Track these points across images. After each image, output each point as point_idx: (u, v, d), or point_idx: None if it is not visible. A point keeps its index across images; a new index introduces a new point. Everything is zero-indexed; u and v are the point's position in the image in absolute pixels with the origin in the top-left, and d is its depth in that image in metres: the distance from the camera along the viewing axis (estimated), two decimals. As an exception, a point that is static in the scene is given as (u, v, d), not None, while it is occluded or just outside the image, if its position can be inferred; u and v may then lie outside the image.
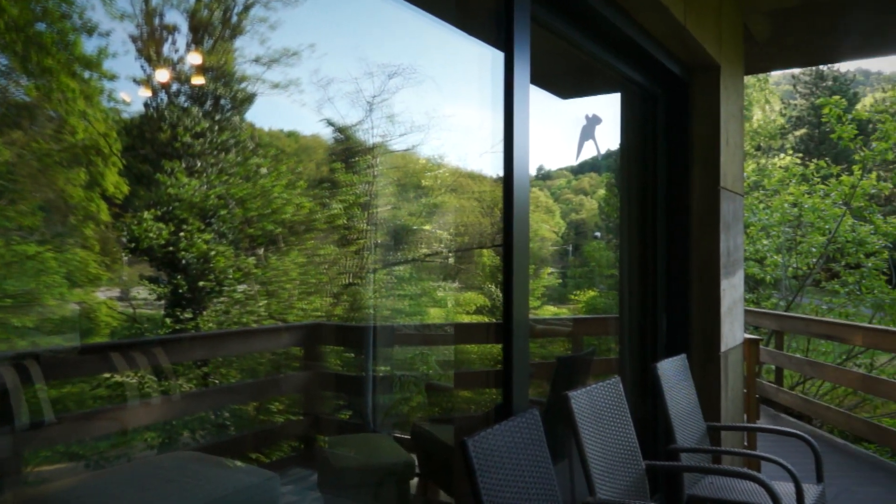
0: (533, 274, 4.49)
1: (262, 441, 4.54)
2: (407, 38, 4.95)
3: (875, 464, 5.62)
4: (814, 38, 5.04)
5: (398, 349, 5.06)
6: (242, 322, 5.16)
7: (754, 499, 3.14)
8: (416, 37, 4.83)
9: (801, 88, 47.41)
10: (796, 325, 7.63)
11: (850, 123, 11.07)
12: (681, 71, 4.04)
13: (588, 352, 4.19)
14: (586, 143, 3.55)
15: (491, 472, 1.86)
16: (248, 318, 5.19)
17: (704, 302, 4.10)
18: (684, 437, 3.30)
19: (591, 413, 2.58)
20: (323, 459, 3.65)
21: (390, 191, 6.28)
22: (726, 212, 4.21)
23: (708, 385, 4.08)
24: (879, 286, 10.36)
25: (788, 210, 11.26)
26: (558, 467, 3.49)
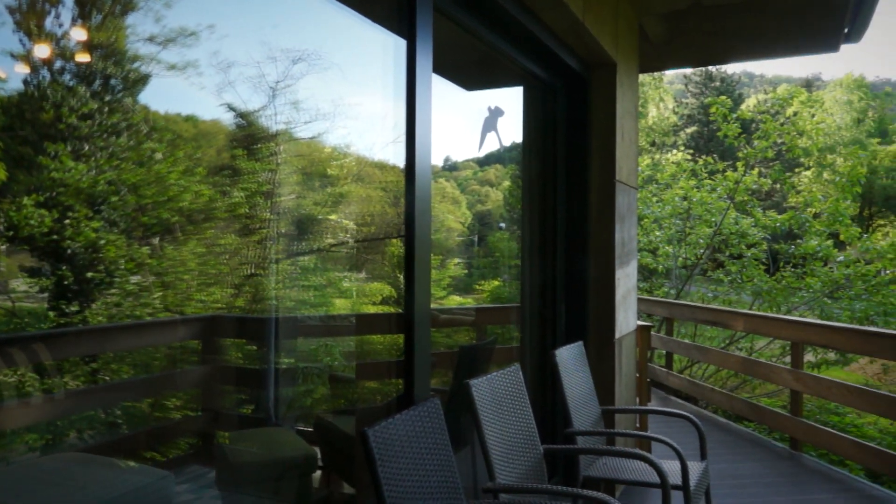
0: (439, 264, 4.53)
1: (157, 439, 4.35)
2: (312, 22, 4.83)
3: (754, 441, 6.05)
4: (703, 40, 5.32)
5: (302, 341, 4.97)
6: (135, 315, 4.91)
7: (645, 477, 3.31)
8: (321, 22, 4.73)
9: (692, 88, 49.98)
10: (685, 312, 8.08)
11: (735, 122, 11.79)
12: (580, 67, 4.17)
13: (490, 340, 4.27)
14: (489, 135, 3.60)
15: (392, 461, 1.86)
16: (142, 311, 4.95)
17: (600, 291, 4.27)
18: (581, 420, 3.43)
19: (491, 400, 2.63)
20: (221, 456, 3.54)
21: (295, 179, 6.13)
22: (621, 204, 4.39)
23: (603, 370, 4.25)
24: (759, 275, 11.13)
25: (679, 203, 11.88)
26: (461, 454, 3.56)
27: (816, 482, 4.87)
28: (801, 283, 11.09)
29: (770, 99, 14.01)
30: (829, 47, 5.31)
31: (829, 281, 10.87)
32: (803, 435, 5.56)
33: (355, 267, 6.10)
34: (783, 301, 10.97)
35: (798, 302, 11.11)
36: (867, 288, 10.46)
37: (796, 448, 5.65)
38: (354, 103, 5.41)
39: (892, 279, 10.70)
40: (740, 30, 5.01)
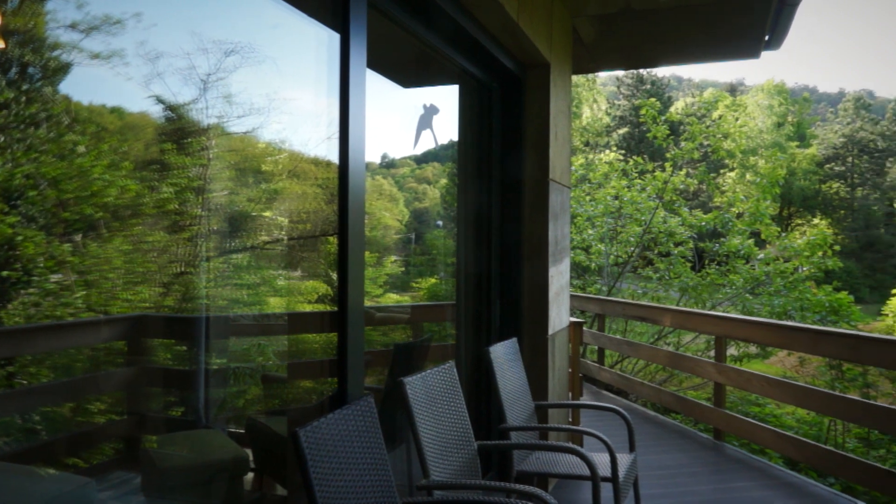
0: (376, 262, 4.50)
1: (80, 445, 4.17)
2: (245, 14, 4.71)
3: (680, 432, 6.27)
4: (634, 44, 5.47)
5: (234, 340, 4.86)
6: (56, 315, 4.69)
7: (576, 470, 3.38)
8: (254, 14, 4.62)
9: (624, 90, 51.36)
10: (616, 308, 8.29)
11: (664, 124, 12.19)
12: (515, 67, 4.22)
13: (425, 338, 4.28)
14: (424, 133, 3.60)
15: (324, 461, 1.84)
16: (63, 311, 4.73)
17: (534, 288, 4.33)
18: (514, 416, 3.48)
19: (425, 398, 2.63)
20: (148, 460, 3.42)
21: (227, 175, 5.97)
22: (555, 203, 4.47)
23: (537, 366, 4.32)
24: (685, 272, 11.53)
25: (611, 202, 12.19)
26: (397, 452, 3.55)
27: (738, 471, 5.08)
28: (725, 279, 11.55)
29: (697, 102, 14.57)
30: (751, 54, 5.54)
31: (751, 278, 11.37)
32: (726, 426, 5.79)
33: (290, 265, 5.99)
34: (708, 297, 11.40)
35: (722, 298, 11.56)
36: (785, 284, 10.99)
37: (720, 438, 5.88)
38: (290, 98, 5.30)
39: (807, 276, 11.27)
40: (668, 34, 5.17)
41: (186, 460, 3.39)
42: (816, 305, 10.40)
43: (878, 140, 51.77)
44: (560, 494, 4.54)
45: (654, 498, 4.44)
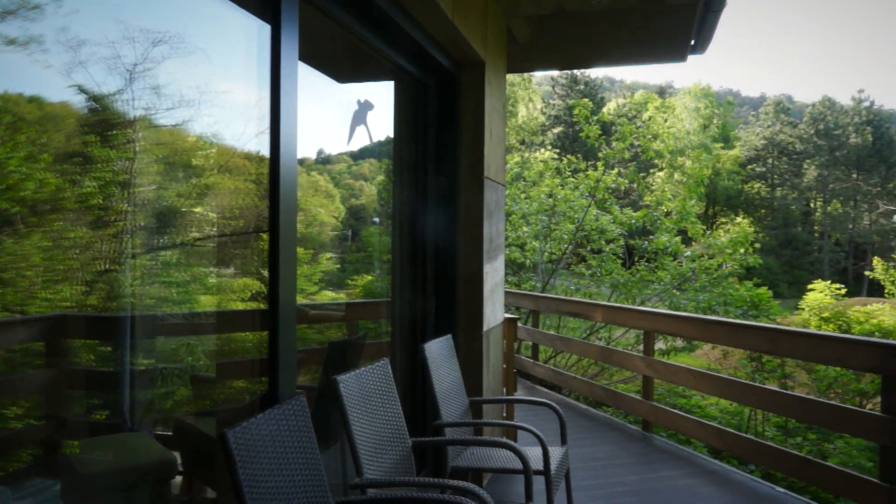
0: (311, 259, 4.43)
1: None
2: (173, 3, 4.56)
3: (611, 424, 6.44)
4: (567, 45, 5.57)
5: (162, 340, 4.70)
6: (-33, 316, 4.44)
7: (510, 464, 3.43)
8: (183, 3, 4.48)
9: (558, 90, 52.28)
10: (549, 304, 8.44)
11: (596, 124, 12.46)
12: (450, 65, 4.23)
13: (360, 336, 4.25)
14: (358, 129, 3.57)
15: (254, 462, 1.81)
16: (-25, 311, 4.48)
17: (469, 285, 4.37)
18: (449, 412, 3.50)
19: (359, 396, 2.62)
20: (68, 466, 3.28)
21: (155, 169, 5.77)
22: (490, 200, 4.51)
23: (472, 362, 4.36)
24: (616, 269, 11.85)
25: (545, 200, 12.40)
26: (331, 451, 3.52)
27: (665, 461, 5.26)
28: (654, 276, 11.93)
29: (628, 103, 14.95)
30: (678, 57, 5.73)
31: (678, 274, 11.78)
32: (654, 417, 5.99)
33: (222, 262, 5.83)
34: (637, 293, 11.74)
35: (651, 294, 11.93)
36: (710, 280, 11.43)
37: (648, 430, 6.07)
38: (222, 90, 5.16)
39: (730, 272, 11.75)
40: (600, 37, 5.29)
41: (110, 465, 3.27)
42: (738, 300, 10.86)
43: (795, 143, 54.38)
44: (494, 488, 4.59)
45: (585, 489, 4.54)
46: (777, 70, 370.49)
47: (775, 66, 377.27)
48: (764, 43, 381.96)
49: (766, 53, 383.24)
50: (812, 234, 52.82)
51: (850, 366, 4.78)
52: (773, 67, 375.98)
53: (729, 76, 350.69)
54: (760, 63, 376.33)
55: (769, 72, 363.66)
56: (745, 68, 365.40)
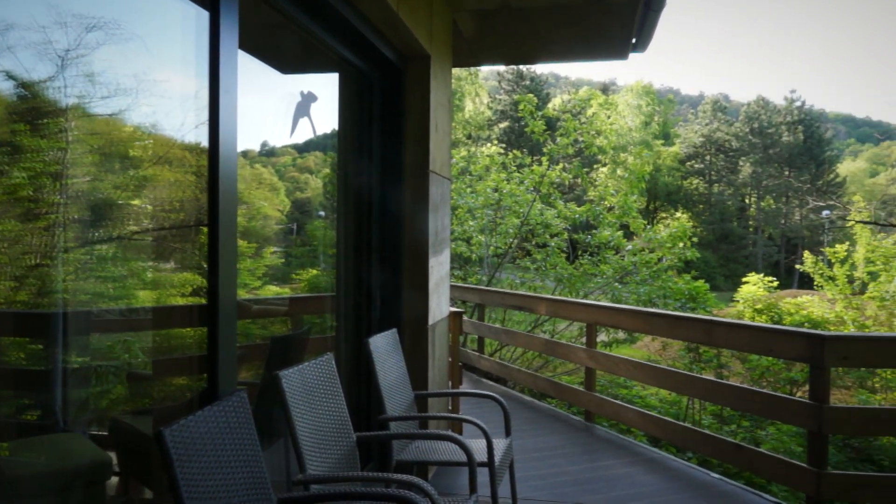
0: (254, 253, 4.35)
1: (-87, 456, 3.76)
2: (108, -13, 4.40)
3: (554, 416, 6.55)
4: (512, 40, 5.61)
5: (97, 337, 4.54)
6: None
7: (455, 457, 3.45)
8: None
9: (505, 85, 52.70)
10: (495, 298, 8.51)
11: (541, 120, 12.61)
12: (395, 58, 4.21)
13: (303, 330, 4.20)
14: (301, 121, 3.52)
15: (192, 461, 1.77)
16: None
17: (414, 278, 4.37)
18: (394, 406, 3.49)
19: (302, 391, 2.59)
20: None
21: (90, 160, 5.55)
22: (435, 194, 4.52)
23: (417, 356, 4.36)
24: (560, 263, 12.03)
25: (490, 194, 12.49)
26: (274, 447, 3.47)
27: (606, 450, 5.38)
28: (597, 269, 12.16)
29: (572, 100, 15.14)
30: (620, 55, 5.84)
31: (620, 268, 12.04)
32: (596, 408, 6.11)
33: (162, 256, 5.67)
34: (581, 286, 11.95)
35: (593, 287, 12.16)
36: (650, 274, 11.73)
37: (590, 420, 6.20)
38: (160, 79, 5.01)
39: (669, 266, 12.08)
40: (544, 33, 5.35)
41: (41, 467, 3.14)
42: (677, 293, 11.17)
43: (732, 140, 56.22)
44: (440, 481, 4.62)
45: (529, 479, 4.61)
46: (714, 70, 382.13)
47: (713, 66, 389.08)
48: (703, 44, 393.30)
49: (705, 54, 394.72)
50: (747, 229, 54.78)
51: (781, 355, 4.99)
52: (711, 68, 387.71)
53: (669, 75, 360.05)
54: (699, 63, 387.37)
55: (707, 72, 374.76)
56: (685, 68, 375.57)
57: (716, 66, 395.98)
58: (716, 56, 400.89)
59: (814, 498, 4.08)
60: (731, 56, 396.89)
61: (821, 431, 4.06)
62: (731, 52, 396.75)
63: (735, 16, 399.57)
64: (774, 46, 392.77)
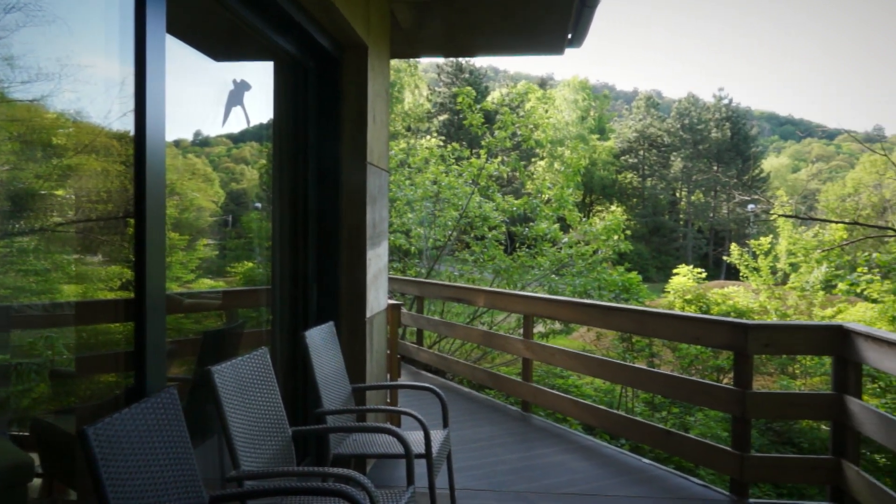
0: (187, 245, 4.22)
1: None
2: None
3: (492, 406, 6.62)
4: (450, 32, 5.61)
5: (19, 333, 4.33)
6: None
7: (392, 449, 3.45)
8: (37, -34, 4.11)
9: (444, 78, 52.71)
10: (434, 290, 8.54)
11: (479, 113, 12.67)
12: (332, 47, 4.15)
13: (238, 324, 4.11)
14: (234, 110, 3.44)
15: (118, 460, 1.71)
16: None
17: (352, 271, 4.33)
18: (331, 400, 3.46)
19: (236, 386, 2.54)
20: None
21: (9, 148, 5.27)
22: (373, 186, 4.49)
23: (355, 349, 4.34)
24: (499, 255, 12.16)
25: (429, 187, 12.49)
26: (208, 444, 3.39)
27: (542, 439, 5.48)
28: (534, 261, 12.34)
29: (511, 93, 15.27)
30: (556, 50, 5.92)
31: (556, 260, 12.25)
32: (533, 398, 6.22)
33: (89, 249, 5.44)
34: (518, 278, 12.11)
35: (531, 279, 12.34)
36: (586, 266, 11.98)
37: (527, 410, 6.30)
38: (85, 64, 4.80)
39: (604, 258, 12.36)
40: (481, 26, 5.37)
41: (-46, 471, 2.98)
42: (611, 285, 11.45)
43: (664, 136, 57.90)
44: (378, 474, 4.61)
45: (466, 469, 4.65)
46: (648, 67, 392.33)
47: (647, 63, 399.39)
48: (637, 41, 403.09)
49: (639, 51, 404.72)
50: (678, 222, 56.59)
51: (707, 344, 5.18)
52: (645, 64, 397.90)
53: (605, 71, 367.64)
54: (634, 60, 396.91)
55: (641, 68, 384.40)
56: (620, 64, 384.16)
57: (649, 64, 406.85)
58: (649, 54, 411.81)
59: (737, 480, 4.27)
60: (663, 54, 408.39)
61: (744, 416, 4.24)
62: (664, 50, 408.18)
63: (667, 15, 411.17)
64: (704, 45, 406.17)
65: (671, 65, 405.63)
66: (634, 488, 4.42)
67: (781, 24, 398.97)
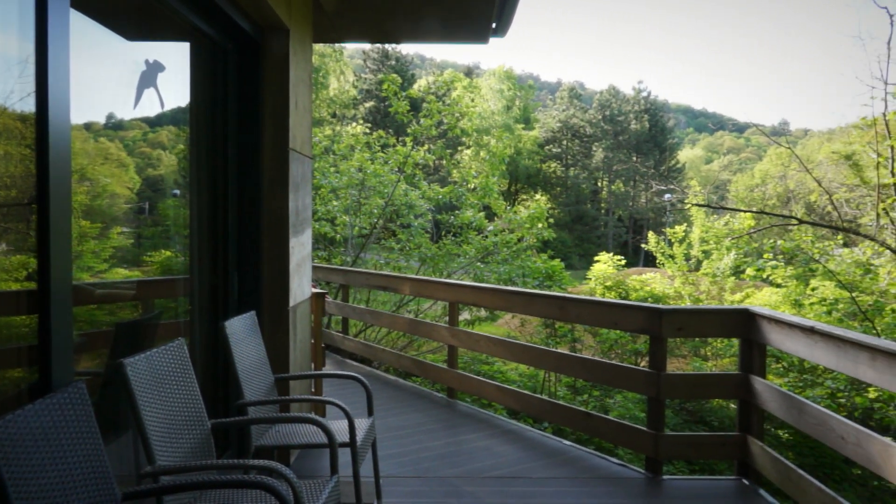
0: (100, 233, 4.03)
1: None
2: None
3: (418, 394, 6.65)
4: (375, 17, 5.54)
5: None
6: None
7: (316, 439, 3.42)
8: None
9: (370, 64, 52.18)
10: (359, 278, 8.48)
11: (405, 100, 12.61)
12: (252, 29, 4.04)
13: (154, 315, 3.96)
14: (147, 92, 3.29)
15: (20, 459, 1.62)
16: None
17: (274, 259, 4.25)
18: (253, 391, 3.39)
19: (150, 379, 2.45)
20: None
21: None
22: (295, 173, 4.40)
23: (277, 339, 4.26)
24: (424, 243, 12.18)
25: (355, 174, 12.36)
26: (123, 440, 3.26)
27: (467, 424, 5.55)
28: (460, 249, 12.43)
29: (437, 81, 15.24)
30: (480, 39, 5.95)
31: (482, 248, 12.38)
32: (458, 384, 6.28)
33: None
34: (444, 266, 12.18)
35: (456, 267, 12.43)
36: (510, 253, 12.16)
37: (453, 396, 6.36)
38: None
39: (528, 245, 12.58)
40: (407, 12, 5.33)
41: None
42: (535, 272, 11.67)
43: (586, 127, 59.29)
44: (302, 464, 4.56)
45: (392, 457, 4.66)
46: (571, 59, 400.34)
47: (570, 54, 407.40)
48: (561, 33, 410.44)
49: (563, 42, 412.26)
50: (599, 211, 58.22)
51: (625, 328, 5.36)
52: (568, 56, 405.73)
53: (530, 61, 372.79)
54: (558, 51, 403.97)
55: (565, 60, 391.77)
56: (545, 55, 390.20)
57: (572, 55, 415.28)
58: (572, 46, 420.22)
59: (652, 458, 4.45)
60: (585, 47, 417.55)
61: (658, 397, 4.41)
62: (586, 43, 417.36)
63: (589, 9, 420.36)
64: (624, 38, 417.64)
65: (594, 57, 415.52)
66: (556, 469, 4.54)
67: (697, 19, 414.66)
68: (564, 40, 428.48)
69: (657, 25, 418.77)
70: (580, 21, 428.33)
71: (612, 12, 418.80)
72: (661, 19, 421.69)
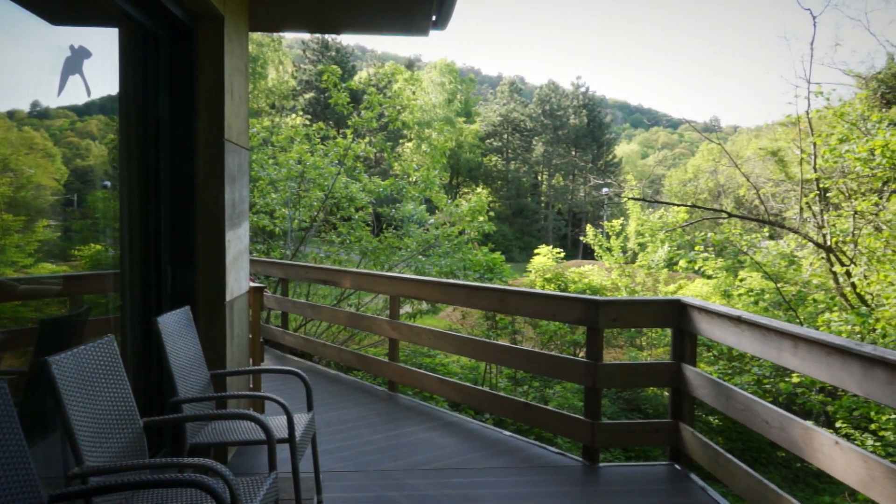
0: (24, 227, 3.85)
1: None
2: None
3: (359, 388, 6.62)
4: (313, 7, 5.45)
5: None
6: None
7: (254, 435, 3.36)
8: None
9: (310, 55, 51.40)
10: (299, 272, 8.37)
11: (345, 92, 12.47)
12: (185, 16, 3.92)
13: (82, 311, 3.82)
14: (72, 78, 3.15)
15: (-65, 463, 1.54)
16: None
17: (210, 253, 4.15)
18: (187, 388, 3.32)
19: (78, 377, 2.36)
20: None
21: None
22: (231, 165, 4.30)
23: (213, 334, 4.17)
24: (365, 236, 12.10)
25: (294, 166, 12.17)
26: (51, 440, 3.14)
27: (408, 417, 5.56)
28: (401, 243, 12.41)
29: (378, 73, 15.14)
30: (420, 31, 5.93)
31: (423, 241, 12.39)
32: (400, 377, 6.28)
33: None
34: (386, 259, 12.13)
35: (398, 260, 12.40)
36: (452, 246, 12.21)
37: (394, 390, 6.36)
38: None
39: (469, 238, 12.66)
40: (345, 2, 5.26)
41: None
42: (476, 265, 11.76)
43: (527, 121, 59.95)
44: (241, 462, 4.48)
45: (332, 451, 4.63)
46: (512, 53, 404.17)
47: (510, 49, 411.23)
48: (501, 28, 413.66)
49: (503, 37, 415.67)
50: (539, 205, 59.03)
51: (564, 320, 5.46)
52: (509, 50, 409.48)
53: (471, 55, 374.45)
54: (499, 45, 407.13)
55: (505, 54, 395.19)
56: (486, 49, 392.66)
57: (513, 50, 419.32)
58: (513, 41, 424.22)
59: (589, 446, 4.56)
60: (526, 42, 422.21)
61: (595, 386, 4.52)
62: (526, 38, 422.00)
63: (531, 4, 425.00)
64: (563, 34, 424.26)
65: (534, 52, 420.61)
66: (496, 460, 4.60)
67: (634, 18, 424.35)
68: (505, 35, 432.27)
69: (595, 22, 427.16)
70: (521, 16, 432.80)
71: (551, 8, 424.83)
72: (599, 17, 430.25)
